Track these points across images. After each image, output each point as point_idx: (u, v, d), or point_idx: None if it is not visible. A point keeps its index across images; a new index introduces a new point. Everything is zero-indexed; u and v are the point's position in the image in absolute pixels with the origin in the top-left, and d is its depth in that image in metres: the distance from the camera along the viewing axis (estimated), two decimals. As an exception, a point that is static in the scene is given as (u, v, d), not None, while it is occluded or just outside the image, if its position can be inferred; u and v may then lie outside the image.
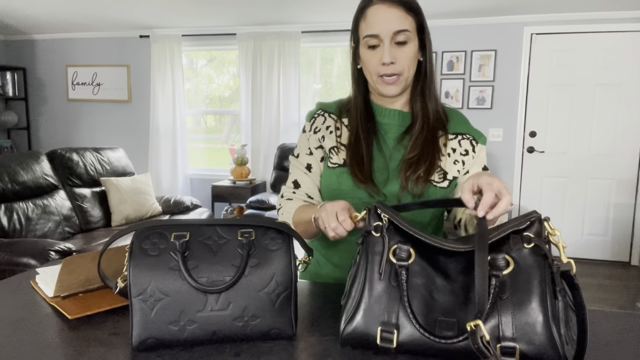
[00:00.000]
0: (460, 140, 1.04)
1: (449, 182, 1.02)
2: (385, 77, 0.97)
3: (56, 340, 0.70)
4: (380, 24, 0.95)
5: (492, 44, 4.04)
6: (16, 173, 3.00)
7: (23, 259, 2.38)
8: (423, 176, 0.98)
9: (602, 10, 3.70)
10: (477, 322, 0.58)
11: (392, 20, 0.94)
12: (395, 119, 1.05)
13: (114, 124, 5.00)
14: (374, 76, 0.99)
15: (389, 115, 1.06)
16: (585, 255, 4.08)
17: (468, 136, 1.05)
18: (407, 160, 1.00)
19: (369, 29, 0.96)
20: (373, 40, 0.96)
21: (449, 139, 1.04)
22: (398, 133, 1.05)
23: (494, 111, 4.10)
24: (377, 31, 0.95)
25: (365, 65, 1.01)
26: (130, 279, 0.66)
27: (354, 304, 0.68)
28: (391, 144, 1.04)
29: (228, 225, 0.72)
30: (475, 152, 1.04)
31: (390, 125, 1.05)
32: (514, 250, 0.65)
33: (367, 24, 0.97)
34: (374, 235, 0.69)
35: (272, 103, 4.48)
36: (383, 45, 0.95)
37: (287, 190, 1.13)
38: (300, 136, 1.14)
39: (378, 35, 0.95)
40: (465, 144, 1.04)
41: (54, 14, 4.15)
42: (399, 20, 0.94)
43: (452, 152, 1.04)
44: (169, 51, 4.63)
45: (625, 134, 3.87)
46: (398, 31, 0.94)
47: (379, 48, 0.96)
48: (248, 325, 0.69)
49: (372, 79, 1.00)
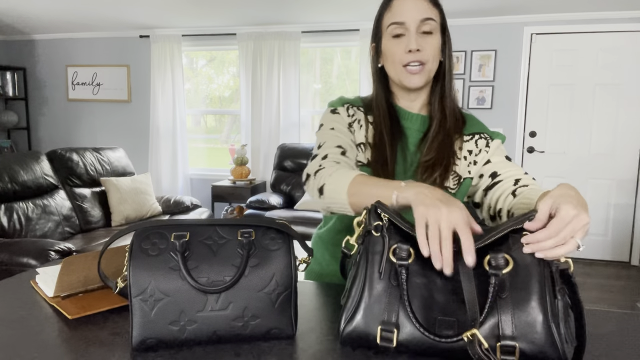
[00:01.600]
0: (477, 140, 1.03)
1: (459, 186, 1.01)
2: (410, 67, 0.95)
3: (56, 340, 0.70)
4: (406, 12, 0.94)
5: (492, 44, 4.04)
6: (16, 173, 3.00)
7: (23, 259, 2.38)
8: (438, 182, 0.97)
9: (602, 10, 3.70)
10: (473, 331, 0.58)
11: (419, 9, 0.94)
12: (417, 124, 1.04)
13: (114, 124, 5.01)
14: (397, 67, 0.97)
15: (411, 119, 1.04)
16: (585, 255, 4.08)
17: (484, 135, 1.04)
18: (423, 163, 0.99)
19: (394, 16, 0.95)
20: (398, 29, 0.95)
21: (465, 141, 1.03)
22: (418, 138, 1.04)
23: (494, 111, 4.10)
24: (404, 18, 0.94)
25: (388, 56, 0.98)
26: (130, 279, 0.66)
27: (354, 304, 0.68)
28: (412, 148, 1.03)
29: (228, 225, 0.72)
30: (489, 147, 1.02)
31: (411, 130, 1.04)
32: (513, 249, 0.65)
33: (392, 13, 0.96)
34: (374, 235, 0.69)
35: (272, 103, 4.48)
36: (409, 34, 0.94)
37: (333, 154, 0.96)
38: (330, 116, 1.05)
39: (404, 22, 0.94)
40: (481, 144, 1.03)
41: (54, 14, 4.15)
42: (425, 9, 0.94)
43: (469, 154, 1.02)
44: (169, 51, 4.63)
45: (625, 134, 3.87)
46: (425, 19, 0.94)
47: (404, 37, 0.95)
48: (248, 325, 0.69)
49: (396, 70, 0.98)
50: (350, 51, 4.55)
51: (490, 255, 0.64)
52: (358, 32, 4.23)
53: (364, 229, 0.71)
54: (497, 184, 0.97)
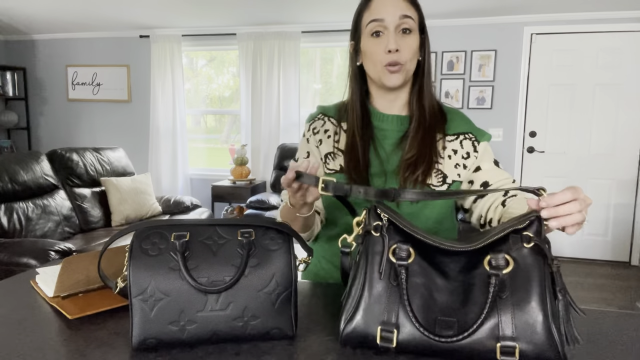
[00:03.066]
0: (462, 141, 1.03)
1: (448, 186, 1.01)
2: (390, 67, 0.96)
3: (56, 340, 0.70)
4: (386, 8, 0.95)
5: (492, 44, 4.04)
6: (16, 173, 3.00)
7: (23, 259, 2.38)
8: (421, 179, 0.97)
9: (602, 10, 3.70)
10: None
11: (397, 7, 0.95)
12: (394, 125, 1.04)
13: (114, 124, 5.01)
14: (378, 66, 0.97)
15: (387, 120, 1.04)
16: (585, 255, 4.08)
17: (470, 135, 1.04)
18: (405, 160, 0.99)
19: (373, 14, 0.96)
20: (377, 26, 0.95)
21: (450, 140, 1.03)
22: (397, 138, 1.04)
23: (494, 111, 4.10)
24: (383, 15, 0.95)
25: (368, 56, 0.99)
26: (130, 279, 0.66)
27: (354, 304, 0.68)
28: (389, 149, 1.03)
29: (228, 225, 0.72)
30: (477, 152, 1.03)
31: (389, 131, 1.04)
32: (514, 249, 0.65)
33: (371, 12, 0.97)
34: (374, 235, 0.69)
35: (272, 103, 4.48)
36: (388, 33, 0.95)
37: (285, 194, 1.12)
38: (300, 141, 1.13)
39: (383, 19, 0.95)
40: (467, 145, 1.03)
41: (54, 14, 4.16)
42: (403, 7, 0.95)
43: (454, 154, 1.02)
44: (169, 51, 4.63)
45: (625, 134, 3.87)
46: (403, 16, 0.94)
47: (384, 36, 0.96)
48: (248, 325, 0.69)
49: (376, 69, 0.98)
50: (350, 51, 4.55)
51: (490, 256, 0.64)
52: (358, 32, 4.22)
53: (363, 229, 0.71)
54: (482, 195, 1.01)
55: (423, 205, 1.01)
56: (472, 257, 0.66)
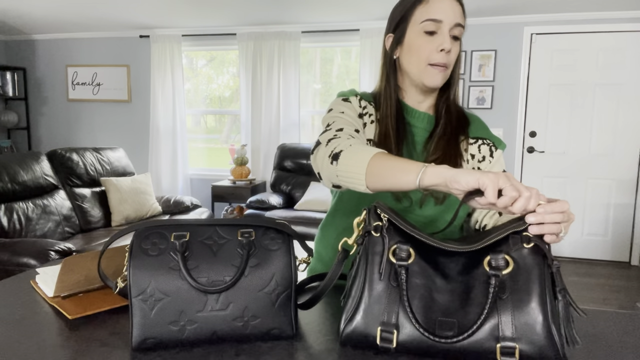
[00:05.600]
0: (480, 146, 1.04)
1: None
2: (437, 66, 0.95)
3: (56, 340, 0.70)
4: (445, 11, 0.93)
5: (492, 44, 4.04)
6: (16, 173, 3.00)
7: (23, 259, 2.38)
8: None
9: (602, 10, 3.70)
10: None
11: (455, 12, 0.94)
12: (424, 122, 1.03)
13: (114, 124, 5.01)
14: (422, 64, 0.96)
15: (418, 117, 1.03)
16: (585, 255, 4.08)
17: (488, 142, 1.04)
18: (431, 162, 0.98)
19: (432, 13, 0.93)
20: (433, 26, 0.93)
21: (470, 144, 1.03)
22: (424, 137, 1.03)
23: (494, 111, 4.10)
24: (442, 17, 0.93)
25: (414, 52, 0.96)
26: (130, 279, 0.66)
27: (354, 304, 0.68)
28: (419, 148, 1.02)
29: (228, 225, 0.72)
30: (493, 157, 1.03)
31: (418, 129, 1.03)
32: (514, 250, 0.65)
33: (429, 8, 0.94)
34: (374, 235, 0.69)
35: (272, 103, 4.48)
36: (442, 34, 0.94)
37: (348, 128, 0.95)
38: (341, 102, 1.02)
39: (442, 21, 0.93)
40: (485, 150, 1.03)
41: (54, 14, 4.16)
42: (460, 14, 0.95)
43: (471, 158, 1.03)
44: (169, 51, 4.63)
45: (625, 134, 3.87)
46: (458, 24, 0.94)
47: (437, 36, 0.94)
48: (248, 325, 0.69)
49: (419, 66, 0.96)
50: (350, 51, 4.55)
51: (490, 256, 0.64)
52: (358, 32, 4.22)
53: (363, 230, 0.71)
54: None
55: (445, 209, 1.01)
56: (472, 257, 0.66)
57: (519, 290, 0.63)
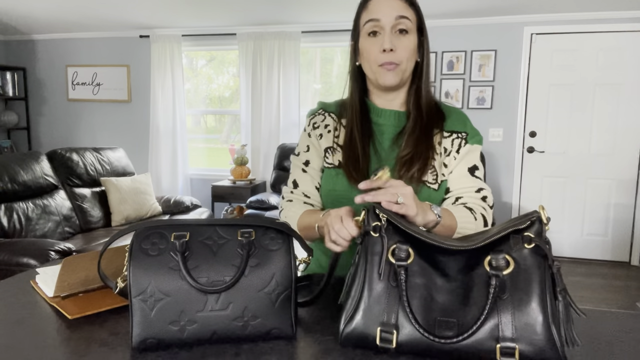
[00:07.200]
0: (454, 140, 1.03)
1: (438, 185, 1.01)
2: (385, 65, 0.97)
3: (56, 340, 0.70)
4: (382, 9, 0.96)
5: (492, 44, 4.03)
6: (16, 173, 3.00)
7: (23, 259, 2.38)
8: (417, 176, 0.98)
9: (602, 10, 3.70)
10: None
11: (394, 7, 0.96)
12: (392, 120, 1.05)
13: (114, 124, 5.00)
14: (373, 66, 0.99)
15: (385, 115, 1.06)
16: (585, 255, 4.08)
17: (462, 134, 1.04)
18: (401, 158, 1.00)
19: (370, 14, 0.97)
20: (374, 27, 0.97)
21: (444, 137, 1.03)
22: (394, 134, 1.05)
23: (494, 111, 4.10)
24: (379, 15, 0.96)
25: (365, 56, 1.00)
26: (130, 279, 0.66)
27: (354, 304, 0.68)
28: (387, 144, 1.04)
29: (228, 225, 0.72)
30: (459, 153, 1.02)
31: (386, 126, 1.05)
32: (514, 250, 0.65)
33: (368, 12, 0.98)
34: (373, 236, 0.69)
35: (272, 103, 4.48)
36: (384, 33, 0.96)
37: (286, 191, 1.13)
38: (301, 135, 1.15)
39: (379, 19, 0.96)
40: (456, 144, 1.03)
41: (54, 14, 4.15)
42: (400, 8, 0.96)
43: (444, 152, 1.03)
44: (169, 51, 4.63)
45: (625, 134, 3.87)
46: (400, 16, 0.95)
47: (380, 36, 0.97)
48: (248, 325, 0.69)
49: (372, 69, 1.00)
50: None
51: (491, 256, 0.64)
52: (358, 32, 4.22)
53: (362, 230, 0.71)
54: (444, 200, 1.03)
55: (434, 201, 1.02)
56: (472, 256, 0.66)
57: (519, 291, 0.63)
